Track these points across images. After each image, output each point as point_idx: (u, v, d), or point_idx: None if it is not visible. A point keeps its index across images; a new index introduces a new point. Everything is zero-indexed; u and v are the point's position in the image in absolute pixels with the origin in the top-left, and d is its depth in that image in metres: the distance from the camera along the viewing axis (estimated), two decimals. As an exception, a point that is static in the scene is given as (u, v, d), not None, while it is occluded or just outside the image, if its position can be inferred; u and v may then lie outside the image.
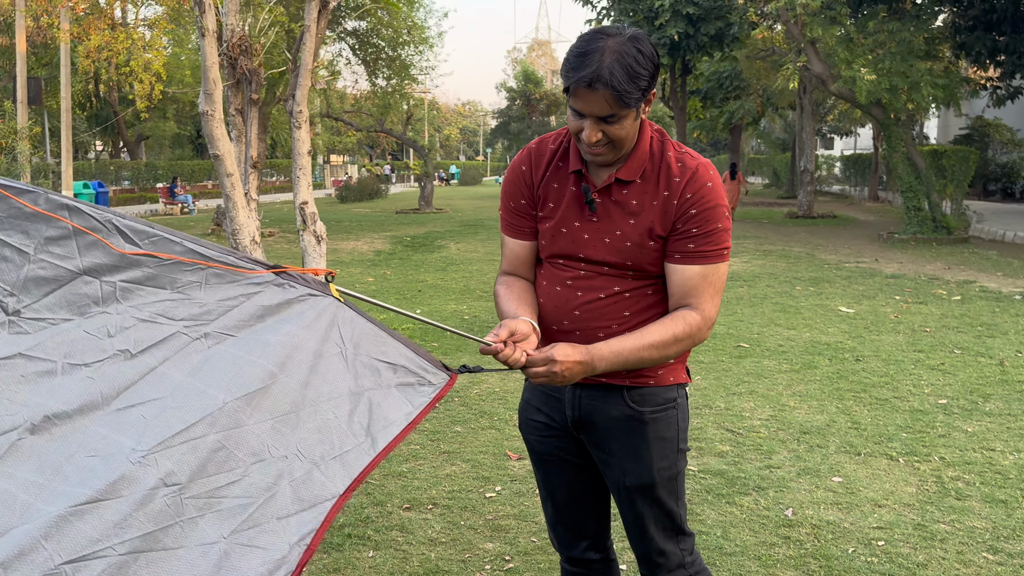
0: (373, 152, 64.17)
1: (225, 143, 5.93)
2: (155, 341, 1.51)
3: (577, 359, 1.70)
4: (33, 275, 1.52)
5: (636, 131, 1.80)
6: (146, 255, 1.57)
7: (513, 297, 1.93)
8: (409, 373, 1.64)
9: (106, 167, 32.54)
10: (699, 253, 1.80)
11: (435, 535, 3.34)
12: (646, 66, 1.68)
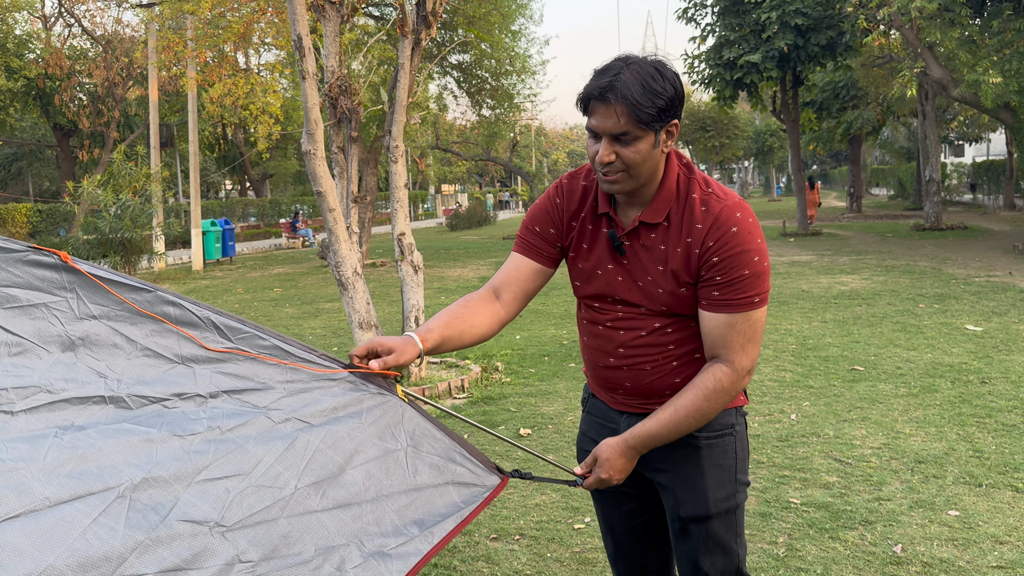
0: (482, 180, 65.40)
1: (327, 180, 6.17)
2: (242, 422, 1.62)
3: (619, 455, 1.77)
4: (139, 362, 1.67)
5: (655, 163, 1.71)
6: (233, 352, 1.72)
7: (455, 312, 1.82)
8: (466, 472, 1.75)
9: (233, 205, 34.56)
10: (725, 302, 1.72)
11: (520, 567, 3.30)
12: (665, 87, 1.62)
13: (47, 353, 1.63)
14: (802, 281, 11.73)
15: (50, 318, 1.67)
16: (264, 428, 1.63)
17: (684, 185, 1.76)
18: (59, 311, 1.68)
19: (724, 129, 38.04)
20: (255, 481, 1.55)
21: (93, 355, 1.65)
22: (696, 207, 1.73)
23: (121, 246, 15.95)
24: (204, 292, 14.28)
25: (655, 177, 1.74)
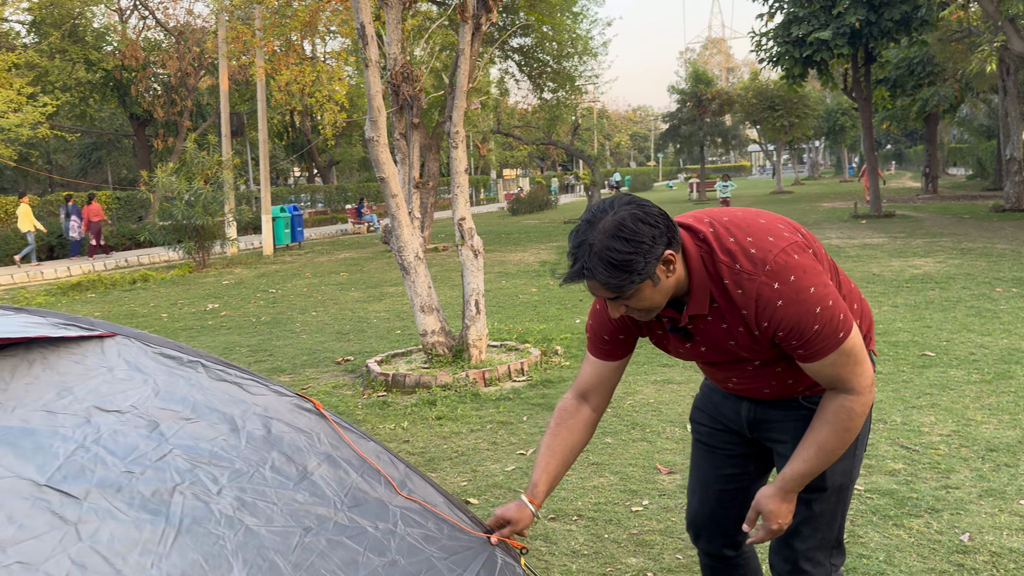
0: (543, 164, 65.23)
1: (390, 166, 6.28)
2: (417, 558, 1.87)
3: (780, 502, 1.83)
4: (354, 490, 1.97)
5: (667, 287, 1.69)
6: (414, 500, 2.01)
7: (549, 449, 1.97)
8: None
9: (301, 191, 35.30)
10: (813, 354, 1.71)
11: (578, 547, 3.35)
12: (629, 255, 1.60)
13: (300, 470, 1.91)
14: (873, 264, 11.41)
15: (305, 446, 1.97)
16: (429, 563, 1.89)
17: (712, 269, 1.71)
18: (312, 442, 1.99)
19: (793, 108, 36.99)
20: None
21: (324, 478, 1.91)
22: (733, 293, 1.70)
23: (195, 232, 16.49)
24: (275, 276, 14.68)
25: (680, 286, 1.73)
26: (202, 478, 1.70)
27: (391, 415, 5.40)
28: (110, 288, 14.10)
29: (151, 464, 1.66)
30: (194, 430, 1.80)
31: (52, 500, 1.47)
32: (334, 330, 8.85)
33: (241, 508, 1.69)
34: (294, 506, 1.78)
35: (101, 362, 1.85)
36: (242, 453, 1.83)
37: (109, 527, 1.48)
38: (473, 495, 3.95)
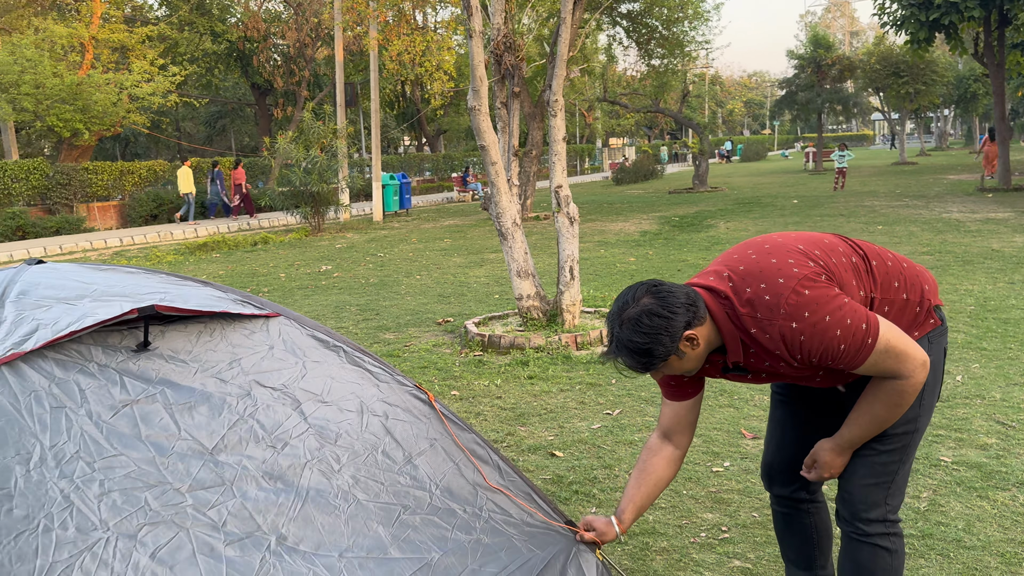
0: (651, 132, 64.10)
1: (490, 135, 6.48)
2: (498, 539, 2.13)
3: (836, 456, 2.03)
4: (451, 476, 2.23)
5: (697, 355, 1.92)
6: (499, 489, 2.27)
7: (635, 484, 2.20)
8: None
9: (410, 160, 36.15)
10: (851, 364, 1.87)
11: (656, 501, 3.49)
12: (648, 342, 1.84)
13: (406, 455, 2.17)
14: (993, 240, 10.82)
15: (413, 434, 2.22)
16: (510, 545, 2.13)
17: (738, 322, 1.90)
18: (420, 431, 2.25)
19: (920, 75, 34.85)
20: None
21: (425, 464, 2.16)
22: (761, 339, 1.88)
23: (311, 198, 17.28)
24: (383, 241, 15.25)
25: (713, 343, 1.94)
26: (327, 457, 1.96)
27: (486, 373, 5.66)
28: (233, 249, 15.02)
29: (290, 440, 1.92)
30: (326, 413, 2.05)
31: (217, 461, 1.75)
32: (436, 293, 9.20)
33: (355, 485, 1.95)
34: (397, 487, 2.03)
35: (265, 340, 2.12)
36: (361, 436, 2.08)
37: (254, 490, 1.76)
38: (559, 448, 4.15)
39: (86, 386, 1.65)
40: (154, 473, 1.60)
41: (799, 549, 2.35)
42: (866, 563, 2.04)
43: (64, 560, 1.39)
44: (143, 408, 1.71)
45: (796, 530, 2.33)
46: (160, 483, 1.60)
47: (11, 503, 1.40)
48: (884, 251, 2.03)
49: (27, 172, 20.56)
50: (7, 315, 1.69)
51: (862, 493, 2.03)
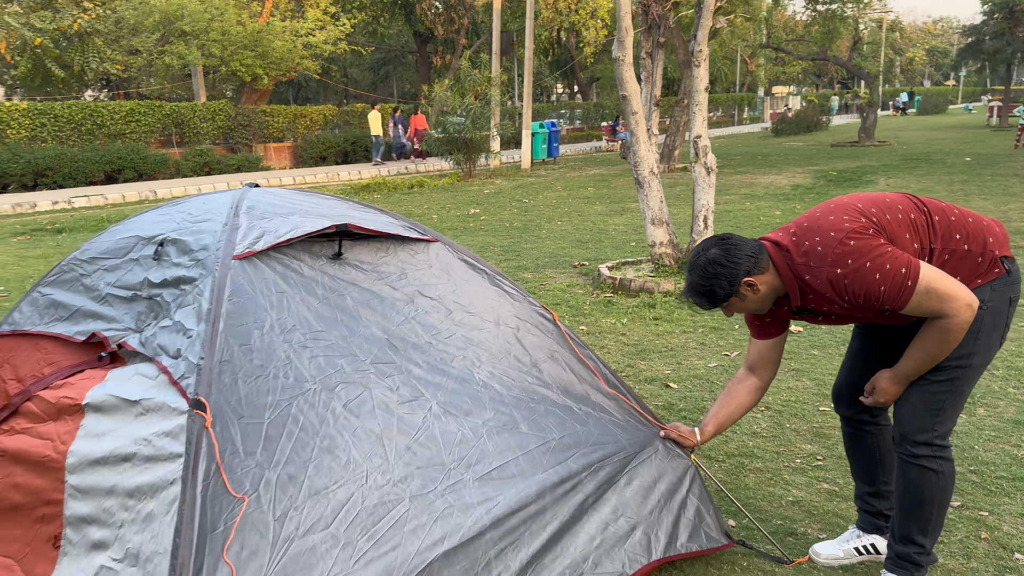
0: (820, 81, 60.62)
1: (632, 84, 6.76)
2: (606, 433, 2.57)
3: (892, 384, 2.31)
4: (571, 379, 2.72)
5: (758, 298, 2.28)
6: (613, 392, 2.75)
7: (721, 405, 2.59)
8: (705, 527, 2.61)
9: (562, 108, 36.36)
10: (897, 305, 2.14)
11: (759, 430, 3.83)
12: (709, 285, 2.25)
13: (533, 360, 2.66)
14: None
15: (539, 344, 2.70)
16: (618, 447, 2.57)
17: (795, 270, 2.23)
18: (545, 342, 2.72)
19: None
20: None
21: (548, 369, 2.64)
22: (815, 284, 2.20)
23: (464, 144, 18.05)
24: (529, 187, 15.79)
25: (775, 292, 2.29)
26: (470, 355, 2.47)
27: (613, 312, 6.07)
28: (392, 191, 16.05)
29: (443, 339, 2.44)
30: (471, 320, 2.56)
31: (391, 345, 2.29)
32: (575, 238, 9.64)
33: (492, 378, 2.45)
34: (525, 384, 2.52)
35: (426, 259, 2.65)
36: (497, 342, 2.57)
37: (416, 371, 2.29)
38: (674, 381, 4.53)
39: (298, 280, 2.22)
40: (346, 347, 2.16)
41: (863, 466, 2.65)
42: (914, 482, 2.33)
43: (286, 399, 1.97)
44: (337, 301, 2.26)
45: (860, 449, 2.63)
46: (351, 355, 2.16)
47: (252, 354, 1.99)
48: (950, 207, 2.26)
49: (213, 113, 22.57)
50: (241, 223, 2.28)
51: (912, 419, 2.30)
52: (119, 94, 31.94)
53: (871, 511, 2.67)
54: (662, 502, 2.50)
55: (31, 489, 2.17)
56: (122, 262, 2.52)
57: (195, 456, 1.75)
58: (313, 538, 1.79)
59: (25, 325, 2.72)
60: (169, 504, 1.74)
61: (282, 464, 1.85)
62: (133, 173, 19.31)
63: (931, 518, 2.35)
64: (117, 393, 2.04)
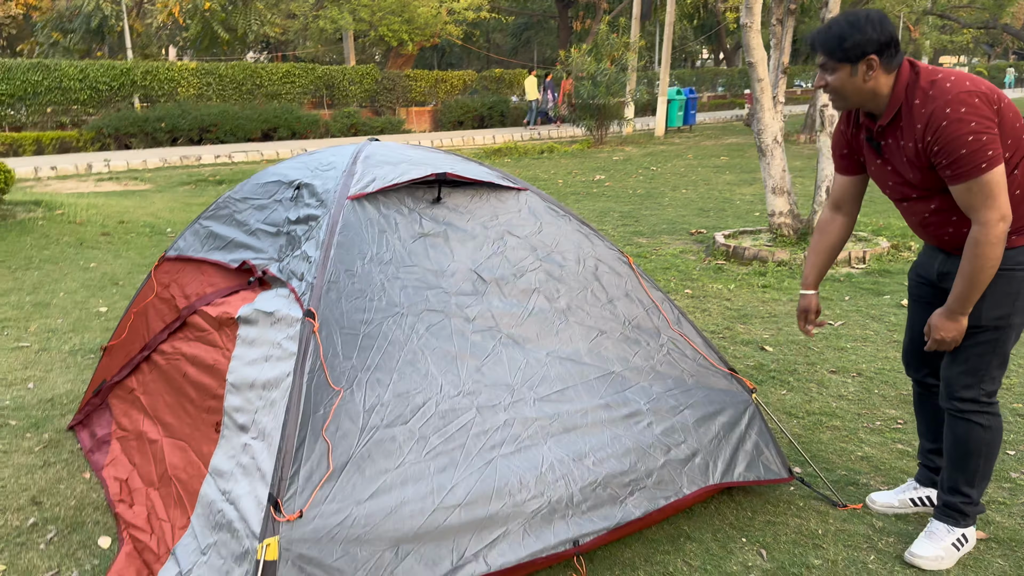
0: (993, 52, 55.78)
1: (759, 51, 6.72)
2: (672, 369, 2.85)
3: (944, 319, 2.33)
4: (642, 316, 2.97)
5: (859, 88, 2.27)
6: (679, 334, 2.94)
7: (814, 250, 2.67)
8: (765, 460, 2.81)
9: (704, 75, 35.45)
10: (957, 176, 2.19)
11: (846, 393, 3.91)
12: (850, 34, 2.22)
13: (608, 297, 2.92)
14: None
15: (614, 284, 2.95)
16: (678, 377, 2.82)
17: (910, 93, 2.25)
18: (620, 282, 2.96)
19: None
20: None
21: (621, 306, 2.88)
22: (915, 111, 2.22)
23: (596, 110, 18.12)
24: (659, 155, 15.73)
25: (876, 97, 2.29)
26: (550, 288, 2.74)
27: (722, 278, 6.16)
28: (522, 156, 16.42)
29: (525, 272, 2.73)
30: (554, 258, 2.83)
31: (476, 278, 2.61)
32: (697, 207, 9.65)
33: (567, 310, 2.72)
34: (598, 317, 2.77)
35: (515, 205, 2.95)
36: (577, 278, 2.83)
37: (498, 300, 2.60)
38: (770, 344, 4.63)
39: (399, 220, 2.57)
40: (433, 280, 2.50)
41: (928, 424, 2.74)
42: (961, 436, 2.43)
43: (378, 319, 2.33)
44: (432, 240, 2.60)
45: (927, 408, 2.73)
46: (436, 287, 2.49)
47: (354, 279, 2.35)
48: None
49: (361, 77, 23.67)
50: (357, 169, 2.65)
51: (957, 378, 2.40)
52: (277, 56, 33.92)
53: (931, 466, 2.78)
54: (722, 433, 2.71)
55: (202, 386, 2.65)
56: (268, 202, 2.97)
57: (304, 354, 2.13)
58: (394, 430, 2.15)
59: (188, 251, 3.24)
60: (285, 391, 2.14)
61: (372, 369, 2.21)
62: (287, 132, 20.66)
63: (977, 470, 2.45)
64: (260, 308, 2.48)
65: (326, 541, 1.95)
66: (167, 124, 18.91)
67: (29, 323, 5.21)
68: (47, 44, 25.04)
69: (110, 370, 3.42)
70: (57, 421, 3.69)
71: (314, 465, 2.01)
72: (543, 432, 2.39)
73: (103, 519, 2.85)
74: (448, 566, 2.09)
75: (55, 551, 2.66)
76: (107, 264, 6.89)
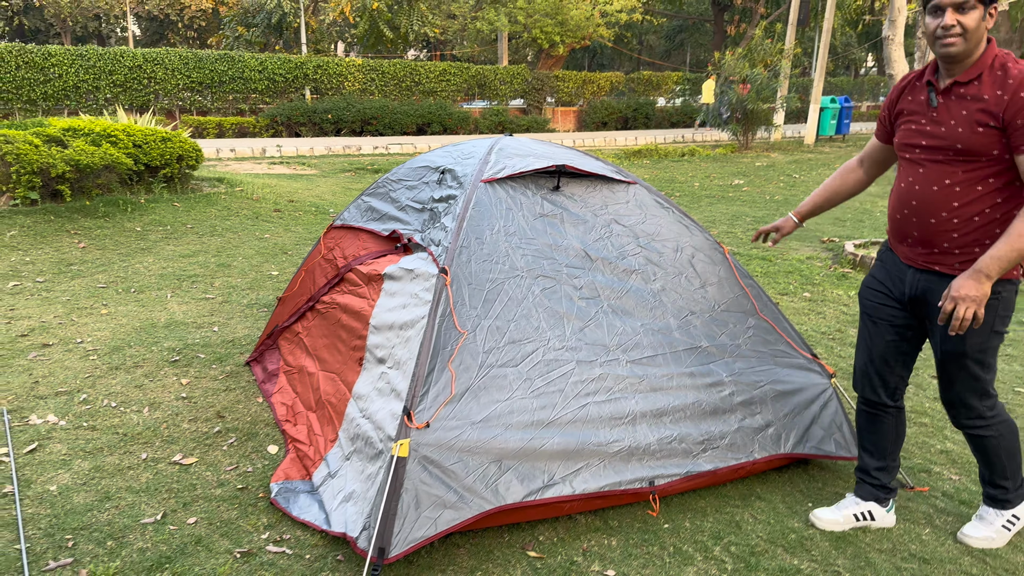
0: None
1: (900, 64, 6.74)
2: (757, 351, 3.19)
3: (967, 280, 2.25)
4: (731, 300, 3.28)
5: (981, 36, 2.27)
6: (766, 320, 3.23)
7: (824, 186, 2.80)
8: (836, 443, 3.11)
9: (865, 83, 34.00)
10: None
11: (942, 397, 4.05)
12: None
13: (701, 283, 3.27)
14: None
15: (708, 271, 3.30)
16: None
17: (1000, 58, 2.29)
18: (712, 269, 3.31)
19: None
20: None
21: (712, 291, 3.22)
22: (1010, 70, 2.25)
23: (744, 116, 18.00)
24: (805, 163, 15.48)
25: (977, 50, 2.29)
26: (648, 271, 3.14)
27: (843, 285, 6.27)
28: (662, 158, 16.61)
29: (626, 256, 3.14)
30: (655, 245, 3.22)
31: (585, 255, 3.05)
32: (833, 216, 9.60)
33: (662, 291, 3.11)
34: (690, 299, 3.13)
35: (625, 197, 3.37)
36: (673, 264, 3.21)
37: (602, 275, 3.03)
38: (876, 348, 4.77)
39: (523, 202, 3.05)
40: (549, 252, 2.96)
41: (876, 443, 2.77)
42: (978, 447, 2.60)
43: (501, 279, 2.81)
44: (550, 220, 3.06)
45: (877, 429, 2.75)
46: (551, 258, 2.95)
47: (483, 246, 2.85)
48: None
49: (512, 76, 24.50)
50: (492, 158, 3.15)
51: (959, 404, 2.52)
52: (435, 55, 35.46)
53: (874, 483, 2.79)
54: (797, 409, 3.02)
55: (351, 328, 3.26)
56: (417, 183, 3.54)
57: (437, 302, 2.65)
58: (506, 370, 2.63)
59: (350, 221, 3.88)
60: (419, 331, 2.67)
61: (493, 318, 2.70)
62: (439, 127, 21.77)
63: (1006, 467, 2.62)
64: (403, 266, 3.04)
65: (445, 448, 2.46)
66: (333, 116, 20.42)
67: (214, 280, 6.12)
68: (232, 37, 27.47)
69: (281, 317, 4.11)
70: (237, 358, 4.44)
71: (440, 389, 2.53)
72: (631, 388, 2.80)
73: (272, 433, 3.51)
74: (540, 484, 2.55)
75: (234, 452, 3.33)
76: (278, 236, 7.83)
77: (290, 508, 2.78)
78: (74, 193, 7.98)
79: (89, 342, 4.62)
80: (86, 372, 4.16)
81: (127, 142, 8.43)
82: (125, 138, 8.43)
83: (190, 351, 4.51)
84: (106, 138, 8.32)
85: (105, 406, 3.75)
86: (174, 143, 8.85)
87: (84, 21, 35.45)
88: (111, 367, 4.24)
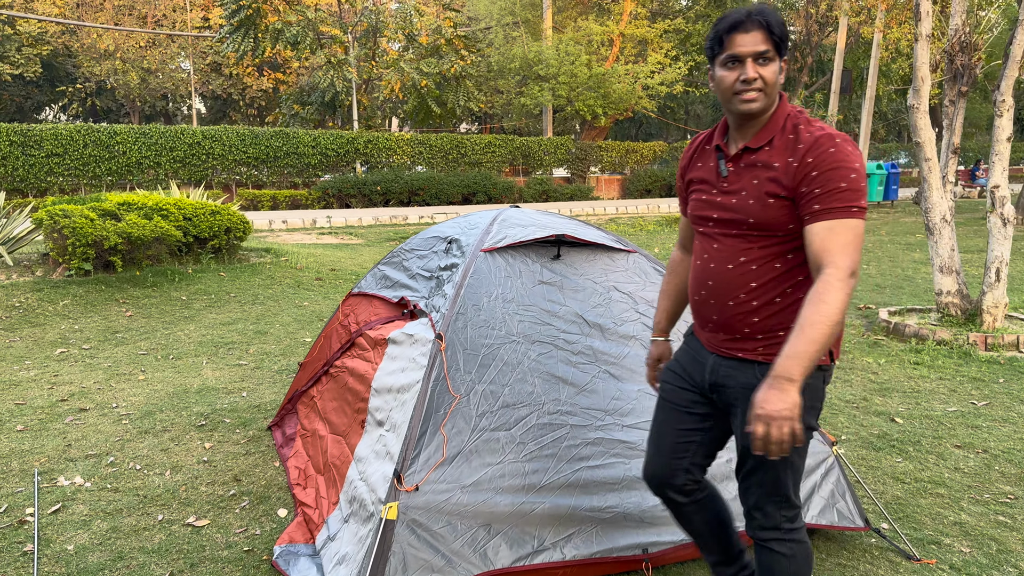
0: None
1: (926, 132, 6.76)
2: None
3: (773, 392, 1.83)
4: None
5: (776, 91, 2.00)
6: None
7: (664, 293, 2.49)
8: (844, 512, 3.09)
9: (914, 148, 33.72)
10: (825, 211, 1.90)
11: (963, 466, 3.94)
12: (782, 22, 1.98)
13: None
14: None
15: None
16: None
17: (792, 119, 2.02)
18: None
19: None
20: None
21: None
22: (801, 133, 1.98)
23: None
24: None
25: (771, 107, 2.03)
26: (644, 338, 3.21)
27: (874, 353, 6.18)
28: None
29: (625, 323, 3.21)
30: (652, 313, 3.29)
31: (582, 321, 3.13)
32: (874, 283, 9.47)
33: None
34: None
35: (624, 265, 3.46)
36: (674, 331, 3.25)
37: (599, 341, 3.10)
38: (902, 417, 4.69)
39: (523, 270, 3.15)
40: (547, 318, 3.04)
41: (705, 537, 2.40)
42: (766, 565, 2.17)
43: (497, 344, 2.90)
44: (549, 288, 3.15)
45: (696, 520, 2.37)
46: (548, 324, 3.03)
47: (480, 312, 2.95)
48: None
49: (556, 147, 25.00)
50: (493, 229, 3.28)
51: (757, 509, 2.15)
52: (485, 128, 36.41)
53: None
54: None
55: (355, 391, 3.37)
56: (427, 253, 3.68)
57: (431, 366, 2.74)
58: (499, 434, 2.69)
59: (366, 288, 4.03)
60: (414, 394, 2.76)
61: (487, 383, 2.78)
62: (484, 197, 22.23)
63: None
64: (405, 332, 3.16)
65: (434, 511, 2.51)
66: (382, 187, 21.06)
67: (249, 346, 6.32)
68: (288, 115, 28.71)
69: (301, 382, 4.25)
70: (260, 422, 4.58)
71: (431, 452, 2.60)
72: (626, 453, 2.83)
73: (284, 496, 3.61)
74: (530, 549, 2.58)
75: (245, 515, 3.43)
76: (316, 304, 8.07)
77: (289, 571, 2.84)
78: (125, 264, 8.38)
79: (123, 407, 4.82)
80: (117, 436, 4.33)
81: (178, 215, 8.86)
82: (176, 211, 8.87)
83: (217, 416, 4.66)
84: (158, 211, 8.76)
85: (130, 468, 3.90)
86: (223, 216, 9.27)
87: (152, 101, 37.51)
88: (141, 431, 4.41)
